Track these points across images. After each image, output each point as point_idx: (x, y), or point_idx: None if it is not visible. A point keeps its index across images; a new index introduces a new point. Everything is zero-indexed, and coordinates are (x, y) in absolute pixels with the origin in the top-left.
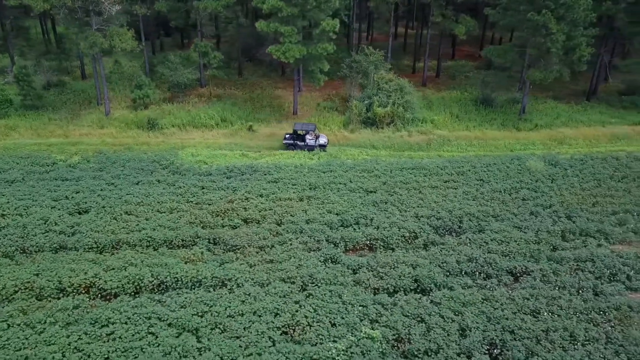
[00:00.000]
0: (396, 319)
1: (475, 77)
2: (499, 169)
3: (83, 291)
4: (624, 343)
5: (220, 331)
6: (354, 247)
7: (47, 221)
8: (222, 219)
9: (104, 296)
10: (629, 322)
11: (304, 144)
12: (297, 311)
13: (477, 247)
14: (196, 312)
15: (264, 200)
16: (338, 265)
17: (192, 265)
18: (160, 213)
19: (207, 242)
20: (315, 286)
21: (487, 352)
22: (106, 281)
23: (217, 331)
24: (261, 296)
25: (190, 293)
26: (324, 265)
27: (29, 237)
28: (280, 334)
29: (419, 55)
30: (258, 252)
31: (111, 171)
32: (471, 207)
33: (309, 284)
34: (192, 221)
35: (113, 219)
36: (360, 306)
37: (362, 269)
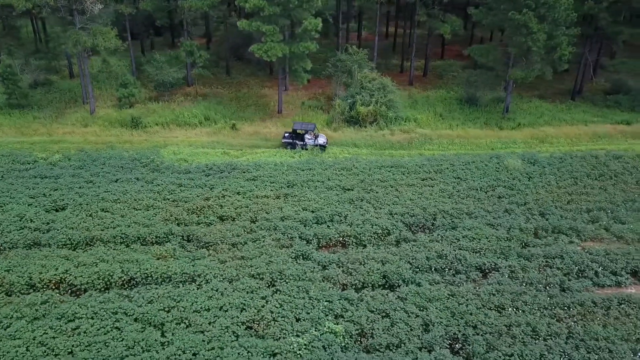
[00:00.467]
0: (361, 314)
1: (462, 76)
2: (477, 167)
3: (53, 287)
4: (584, 337)
5: (185, 326)
6: (327, 243)
7: (22, 218)
8: (197, 216)
9: (73, 292)
10: (591, 317)
11: (302, 143)
12: (263, 306)
13: (448, 244)
14: (163, 308)
15: (241, 197)
16: (309, 261)
17: (163, 261)
18: (136, 210)
19: (180, 239)
20: (284, 282)
21: (448, 346)
22: (76, 277)
23: (182, 326)
24: (229, 292)
25: (159, 288)
26: (294, 262)
27: (3, 233)
28: (244, 329)
29: (407, 55)
30: (230, 249)
31: (91, 169)
32: (446, 204)
33: (277, 280)
34: (167, 218)
35: (88, 215)
36: (326, 301)
37: (331, 265)
